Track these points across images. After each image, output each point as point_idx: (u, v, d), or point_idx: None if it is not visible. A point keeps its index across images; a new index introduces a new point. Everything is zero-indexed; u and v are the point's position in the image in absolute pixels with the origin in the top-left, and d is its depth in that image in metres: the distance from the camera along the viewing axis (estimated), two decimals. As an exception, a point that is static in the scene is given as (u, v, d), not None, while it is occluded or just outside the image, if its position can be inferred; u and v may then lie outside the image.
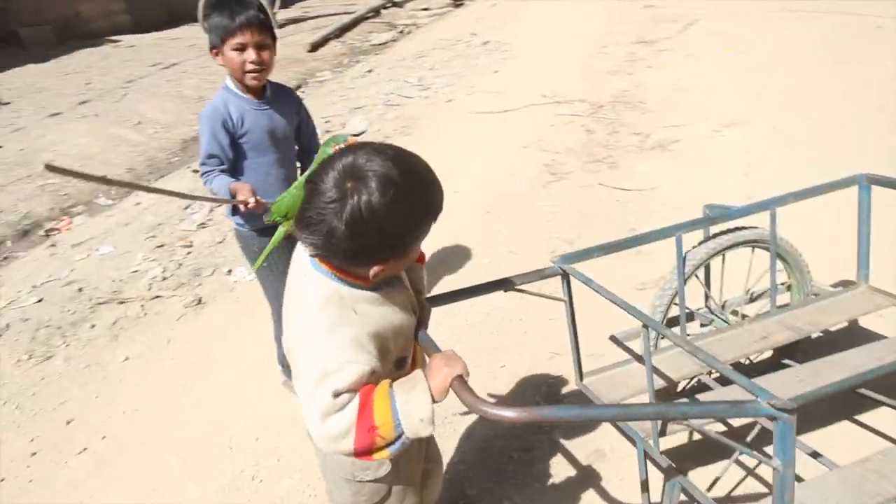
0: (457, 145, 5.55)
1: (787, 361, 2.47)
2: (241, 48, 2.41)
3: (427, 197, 1.35)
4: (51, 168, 2.27)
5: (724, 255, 2.41)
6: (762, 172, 4.22)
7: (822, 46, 6.58)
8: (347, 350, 1.30)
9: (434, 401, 1.31)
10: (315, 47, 10.80)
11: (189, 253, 4.44)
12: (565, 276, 2.01)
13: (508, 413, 1.24)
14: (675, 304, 2.29)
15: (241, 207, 2.41)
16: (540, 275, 1.99)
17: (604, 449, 2.43)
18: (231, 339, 3.43)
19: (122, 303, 3.94)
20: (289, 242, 2.52)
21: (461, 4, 14.13)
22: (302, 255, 1.45)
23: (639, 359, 2.18)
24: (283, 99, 2.66)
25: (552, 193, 4.38)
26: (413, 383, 1.33)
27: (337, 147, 1.65)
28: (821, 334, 2.64)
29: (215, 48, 2.48)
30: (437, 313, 1.79)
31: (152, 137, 7.16)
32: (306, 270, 1.43)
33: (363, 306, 1.38)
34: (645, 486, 1.99)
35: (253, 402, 2.96)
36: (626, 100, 5.89)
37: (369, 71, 8.75)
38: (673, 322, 2.36)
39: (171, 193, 2.44)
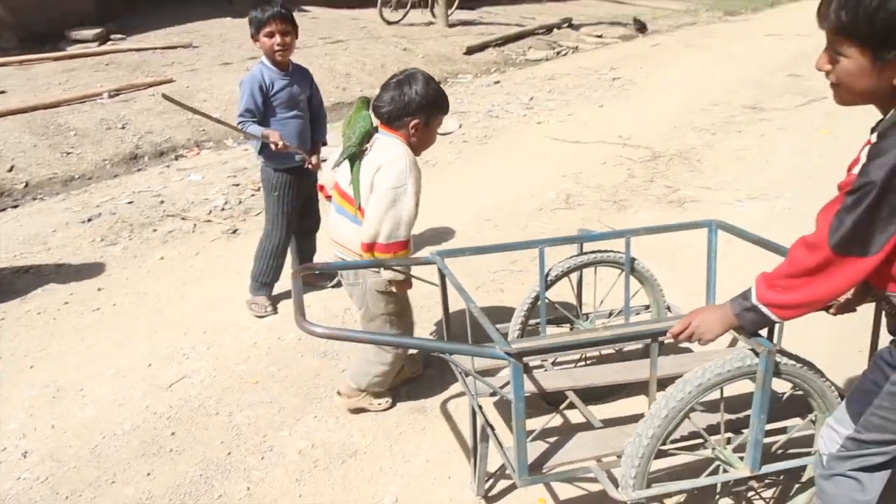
0: (513, 161, 6.14)
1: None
2: (271, 35, 3.32)
3: (444, 96, 2.61)
4: (167, 98, 3.34)
5: (596, 270, 2.88)
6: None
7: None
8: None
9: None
10: (471, 51, 11.62)
11: (252, 196, 5.43)
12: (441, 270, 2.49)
13: (317, 329, 1.87)
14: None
15: (273, 146, 3.39)
16: (415, 261, 2.62)
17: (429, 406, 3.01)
18: (236, 262, 4.30)
19: (183, 219, 4.99)
20: (297, 178, 3.45)
21: (644, 33, 14.48)
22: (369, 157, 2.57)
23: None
24: (300, 74, 3.66)
25: (553, 219, 4.88)
26: None
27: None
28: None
29: (254, 36, 3.39)
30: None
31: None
32: (383, 142, 2.56)
33: None
34: (473, 430, 2.44)
35: (224, 307, 3.81)
36: (686, 156, 6.16)
37: (496, 82, 9.48)
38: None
39: (233, 127, 3.53)
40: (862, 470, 1.76)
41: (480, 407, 2.31)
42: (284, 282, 3.82)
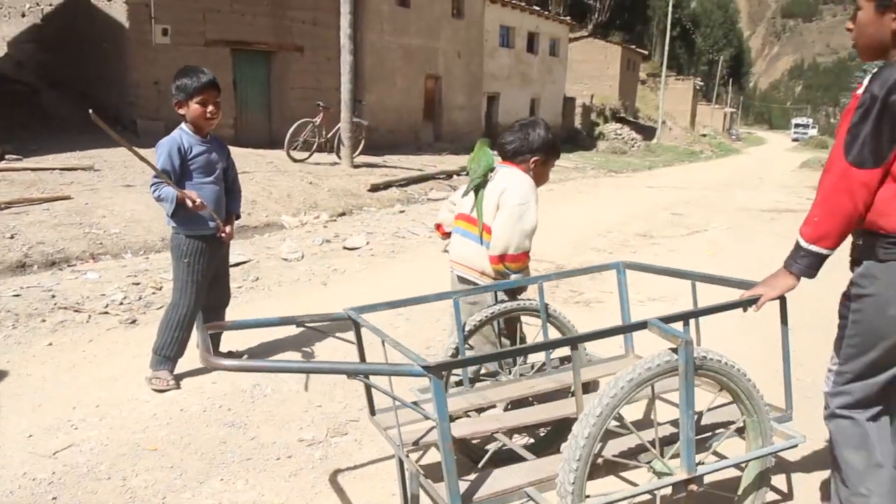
0: (422, 269, 6.23)
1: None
2: (205, 103, 3.32)
3: (556, 142, 3.00)
4: (94, 118, 3.18)
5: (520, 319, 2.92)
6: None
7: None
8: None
9: None
10: (375, 189, 12.00)
11: (154, 293, 5.20)
12: (356, 323, 2.39)
13: (224, 362, 1.79)
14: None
15: (190, 203, 3.32)
16: (329, 317, 2.51)
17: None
18: (135, 347, 4.04)
19: (77, 311, 4.68)
20: (209, 246, 3.32)
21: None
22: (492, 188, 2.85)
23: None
24: (217, 143, 3.68)
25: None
26: None
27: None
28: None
29: (182, 102, 3.39)
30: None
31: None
32: (505, 172, 2.86)
33: None
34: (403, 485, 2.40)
35: (120, 384, 3.52)
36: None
37: (401, 211, 9.77)
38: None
39: (155, 169, 3.36)
40: (849, 407, 1.98)
41: (408, 455, 2.22)
42: (189, 359, 3.60)
